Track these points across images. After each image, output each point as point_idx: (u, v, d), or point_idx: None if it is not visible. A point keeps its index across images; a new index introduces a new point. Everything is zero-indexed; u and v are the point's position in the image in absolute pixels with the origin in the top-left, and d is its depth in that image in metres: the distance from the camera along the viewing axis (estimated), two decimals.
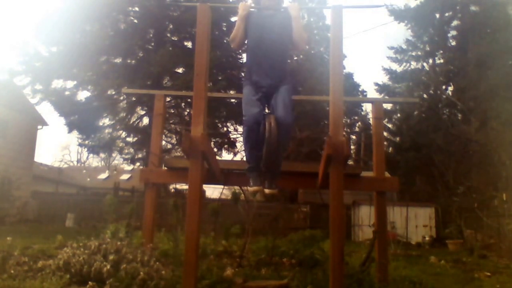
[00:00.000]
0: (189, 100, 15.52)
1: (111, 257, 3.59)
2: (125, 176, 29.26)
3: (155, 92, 5.81)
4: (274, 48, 3.36)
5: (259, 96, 3.30)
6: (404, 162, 20.34)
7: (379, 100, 5.39)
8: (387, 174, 5.76)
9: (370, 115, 9.17)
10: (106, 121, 18.06)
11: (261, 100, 3.31)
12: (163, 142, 14.95)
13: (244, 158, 3.53)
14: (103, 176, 31.32)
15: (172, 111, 17.66)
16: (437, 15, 23.02)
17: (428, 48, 23.60)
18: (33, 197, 16.68)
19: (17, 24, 50.99)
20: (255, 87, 3.36)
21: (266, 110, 3.37)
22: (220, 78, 17.49)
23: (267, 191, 3.38)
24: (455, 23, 23.07)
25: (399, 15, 22.77)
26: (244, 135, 3.29)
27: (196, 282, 2.99)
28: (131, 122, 18.01)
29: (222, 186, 5.94)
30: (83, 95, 17.24)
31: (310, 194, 16.18)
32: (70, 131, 17.38)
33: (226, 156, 18.84)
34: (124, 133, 18.43)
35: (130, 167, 27.19)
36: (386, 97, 23.65)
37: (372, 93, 25.89)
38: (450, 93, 22.67)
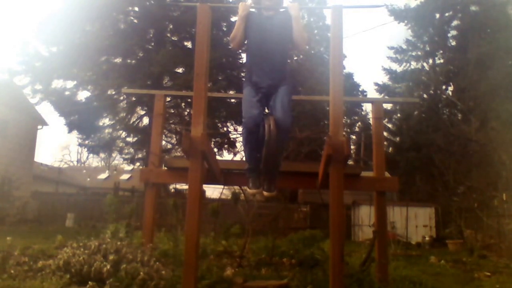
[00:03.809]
0: (189, 100, 15.53)
1: (111, 257, 3.58)
2: (125, 176, 29.25)
3: (155, 92, 5.81)
4: (273, 48, 3.35)
5: (259, 97, 3.30)
6: (404, 162, 20.35)
7: (379, 100, 5.38)
8: (387, 174, 5.76)
9: (370, 115, 9.17)
10: (106, 121, 18.11)
11: (261, 101, 3.30)
12: (163, 142, 14.96)
13: (244, 158, 3.53)
14: (103, 176, 31.32)
15: (172, 111, 17.67)
16: (437, 15, 23.04)
17: (428, 48, 23.62)
18: (33, 197, 16.68)
19: (17, 24, 51.02)
20: (255, 88, 3.35)
21: (266, 110, 3.37)
22: (220, 78, 17.51)
23: (265, 193, 3.39)
24: (455, 23, 23.11)
25: (399, 15, 22.79)
26: (243, 137, 3.29)
27: (196, 282, 2.98)
28: (131, 122, 18.02)
29: (222, 186, 5.94)
30: (83, 95, 17.29)
31: (310, 194, 16.18)
32: (70, 131, 17.40)
33: (226, 156, 18.87)
34: (124, 133, 18.45)
35: (130, 167, 27.20)
36: (386, 97, 23.68)
37: (372, 93, 25.94)
38: (450, 93, 22.69)
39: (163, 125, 4.97)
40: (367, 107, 24.47)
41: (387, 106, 22.60)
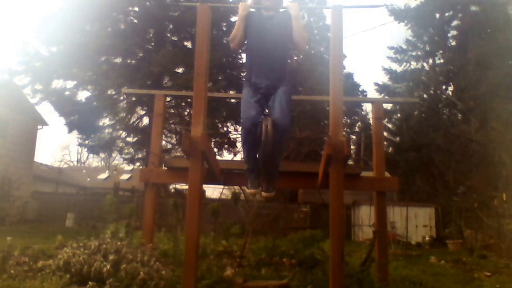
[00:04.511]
0: (189, 100, 15.53)
1: (111, 257, 3.59)
2: (125, 176, 29.25)
3: (155, 92, 5.81)
4: (273, 49, 3.35)
5: (257, 98, 3.29)
6: (404, 162, 20.34)
7: (379, 100, 5.38)
8: (387, 174, 5.77)
9: (370, 115, 9.17)
10: (106, 121, 18.11)
11: (260, 101, 3.30)
12: (163, 142, 14.96)
13: (243, 158, 3.53)
14: (103, 176, 31.31)
15: (172, 111, 17.67)
16: (437, 15, 23.04)
17: (428, 48, 23.62)
18: (33, 197, 16.67)
19: (17, 24, 51.03)
20: (254, 89, 3.34)
21: (266, 111, 3.37)
22: (220, 78, 17.51)
23: (264, 194, 3.39)
24: (455, 23, 23.11)
25: (399, 15, 22.78)
26: (242, 138, 3.29)
27: (196, 282, 2.99)
28: (131, 122, 18.02)
29: (222, 186, 5.94)
30: (83, 95, 17.30)
31: (310, 194, 16.17)
32: (70, 131, 17.41)
33: (226, 156, 18.87)
34: (124, 133, 18.45)
35: (130, 167, 27.20)
36: (386, 97, 23.67)
37: (372, 93, 25.93)
38: (450, 93, 22.69)
39: (163, 125, 4.97)
40: (367, 107, 24.48)
41: (387, 106, 22.60)
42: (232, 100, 16.90)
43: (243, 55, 16.59)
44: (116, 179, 25.78)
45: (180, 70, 17.38)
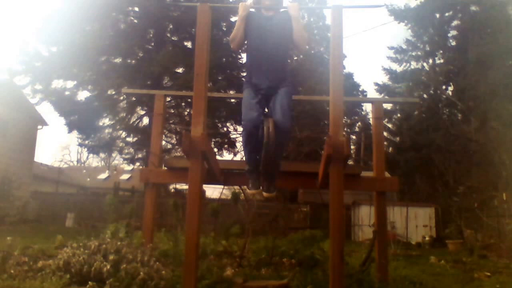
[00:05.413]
0: (189, 100, 15.53)
1: (111, 257, 3.58)
2: (125, 176, 29.24)
3: (155, 92, 5.81)
4: (273, 49, 3.34)
5: (258, 99, 3.29)
6: (404, 162, 20.36)
7: (379, 100, 5.38)
8: (387, 174, 5.77)
9: (370, 115, 9.18)
10: (106, 121, 18.11)
11: (261, 102, 3.30)
12: (163, 142, 14.95)
13: (244, 159, 3.54)
14: (103, 176, 31.30)
15: (172, 111, 17.67)
16: (437, 15, 23.03)
17: (428, 48, 23.62)
18: (33, 197, 16.67)
19: (17, 24, 51.03)
20: (255, 90, 3.34)
21: (266, 110, 3.37)
22: (220, 78, 17.51)
23: (265, 194, 3.40)
24: (455, 23, 23.09)
25: (399, 15, 22.78)
26: (243, 139, 3.29)
27: (196, 282, 2.99)
28: (131, 122, 18.02)
29: (222, 186, 5.94)
30: (83, 95, 17.29)
31: (310, 194, 16.19)
32: (70, 131, 17.40)
33: (226, 156, 18.88)
34: (124, 133, 18.44)
35: (130, 167, 27.19)
36: (386, 97, 23.68)
37: (372, 93, 25.95)
38: (450, 93, 22.69)
39: (163, 125, 4.97)
40: (367, 107, 24.51)
41: (387, 106, 22.62)
42: (232, 100, 16.90)
43: (243, 55, 16.62)
44: (116, 179, 25.77)
45: (180, 70, 17.38)
